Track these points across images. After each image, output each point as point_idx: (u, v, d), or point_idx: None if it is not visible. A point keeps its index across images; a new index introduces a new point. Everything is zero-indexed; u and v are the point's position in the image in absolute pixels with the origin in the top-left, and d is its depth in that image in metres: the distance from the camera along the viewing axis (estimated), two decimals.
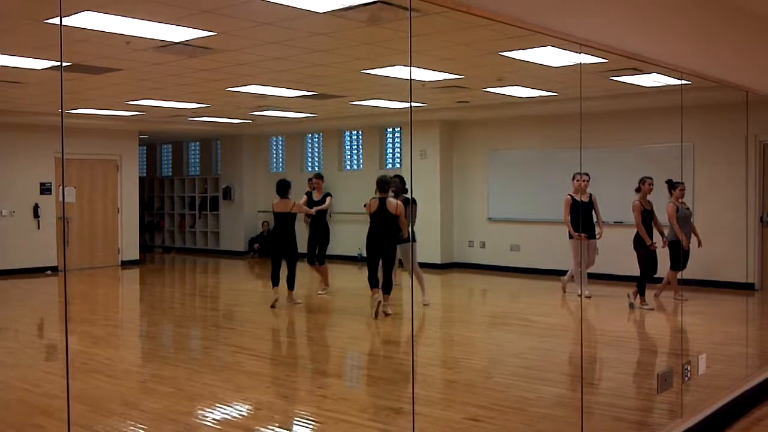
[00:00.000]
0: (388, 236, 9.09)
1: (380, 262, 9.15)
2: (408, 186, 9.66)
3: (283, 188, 10.01)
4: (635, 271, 9.37)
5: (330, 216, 11.20)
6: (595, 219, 9.75)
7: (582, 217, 9.61)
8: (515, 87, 10.30)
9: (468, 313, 10.27)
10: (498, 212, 13.46)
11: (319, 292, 10.76)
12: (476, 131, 14.05)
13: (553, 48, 7.03)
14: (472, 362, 7.37)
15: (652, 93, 10.17)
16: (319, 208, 10.60)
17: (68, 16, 5.86)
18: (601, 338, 8.54)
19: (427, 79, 9.42)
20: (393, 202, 9.07)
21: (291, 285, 9.92)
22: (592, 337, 8.41)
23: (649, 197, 9.13)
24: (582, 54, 4.86)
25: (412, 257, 9.30)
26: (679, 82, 6.45)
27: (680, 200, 9.27)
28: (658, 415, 5.47)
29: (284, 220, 9.89)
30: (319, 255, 10.62)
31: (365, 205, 9.44)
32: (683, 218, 9.22)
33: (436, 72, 8.95)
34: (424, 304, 9.72)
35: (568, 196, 9.79)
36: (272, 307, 9.62)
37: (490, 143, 13.75)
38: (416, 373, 6.50)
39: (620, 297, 9.43)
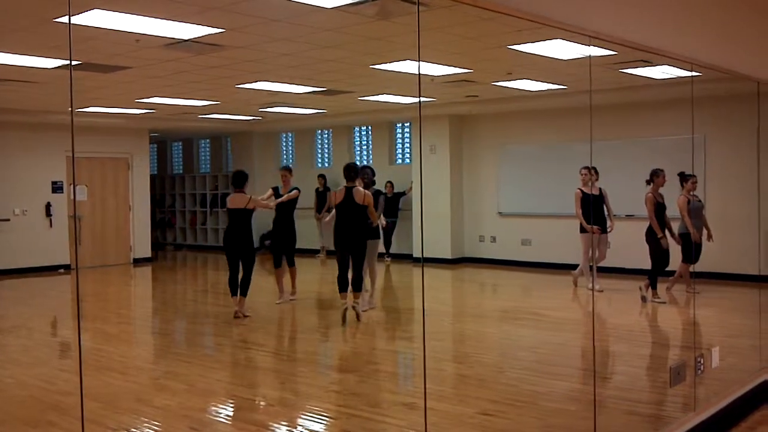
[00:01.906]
0: (356, 229, 8.43)
1: (349, 258, 8.43)
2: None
3: (239, 180, 9.19)
4: (647, 264, 9.35)
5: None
6: (606, 213, 9.72)
7: (593, 211, 9.59)
8: (524, 80, 10.26)
9: (479, 307, 10.25)
10: (509, 206, 13.43)
11: (291, 298, 9.89)
12: (486, 125, 14.02)
13: (562, 41, 6.99)
14: (484, 357, 7.37)
15: (662, 85, 10.12)
16: (279, 200, 9.69)
17: (77, 14, 5.88)
18: (613, 332, 8.51)
19: (436, 74, 9.40)
20: (360, 192, 8.44)
21: (244, 291, 8.87)
22: (604, 330, 8.39)
23: (661, 190, 9.10)
24: (591, 46, 4.84)
25: (372, 253, 8.93)
26: (689, 73, 6.42)
27: (692, 193, 9.22)
28: (671, 409, 5.46)
29: (239, 217, 8.98)
30: (287, 256, 9.79)
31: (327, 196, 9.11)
32: (695, 211, 9.18)
33: (445, 66, 8.93)
34: (370, 307, 9.19)
35: (578, 190, 9.76)
36: (235, 317, 8.73)
37: (500, 137, 13.72)
38: (428, 367, 6.50)
39: (632, 290, 9.40)
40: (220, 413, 5.68)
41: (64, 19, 6.05)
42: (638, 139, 11.67)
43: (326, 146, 17.17)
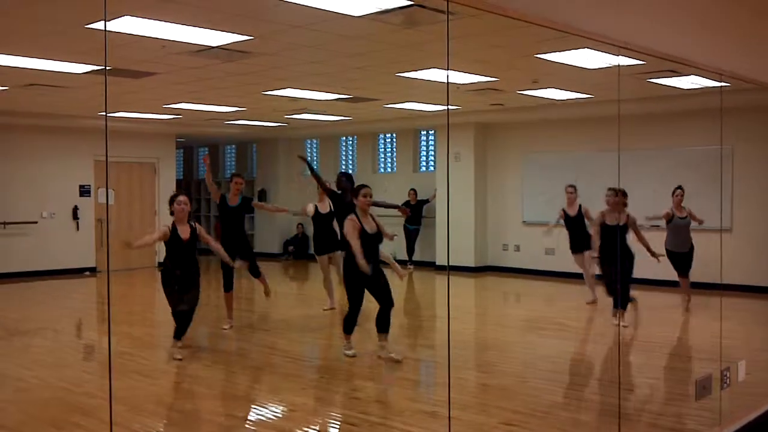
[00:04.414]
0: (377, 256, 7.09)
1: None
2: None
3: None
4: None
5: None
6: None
7: (575, 230, 9.66)
8: (551, 89, 10.23)
9: (503, 316, 10.21)
10: (533, 215, 13.36)
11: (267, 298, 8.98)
12: (511, 134, 13.98)
13: (589, 50, 6.97)
14: (507, 366, 7.34)
15: (690, 95, 10.04)
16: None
17: (109, 20, 5.95)
18: (637, 343, 8.45)
19: (462, 82, 9.40)
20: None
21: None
22: (629, 341, 8.32)
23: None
24: (620, 56, 4.82)
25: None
26: (718, 84, 6.36)
27: (681, 207, 9.22)
28: (695, 422, 5.39)
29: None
30: (251, 267, 8.73)
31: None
32: (676, 228, 9.24)
33: (471, 74, 8.93)
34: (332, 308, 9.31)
35: (561, 210, 9.83)
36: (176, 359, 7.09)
37: (525, 146, 13.67)
38: (451, 376, 6.48)
39: (657, 302, 9.32)
40: (243, 418, 5.69)
41: (95, 26, 6.13)
42: (665, 149, 11.58)
43: (351, 153, 17.21)
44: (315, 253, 9.41)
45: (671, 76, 8.72)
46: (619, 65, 5.70)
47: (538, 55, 7.57)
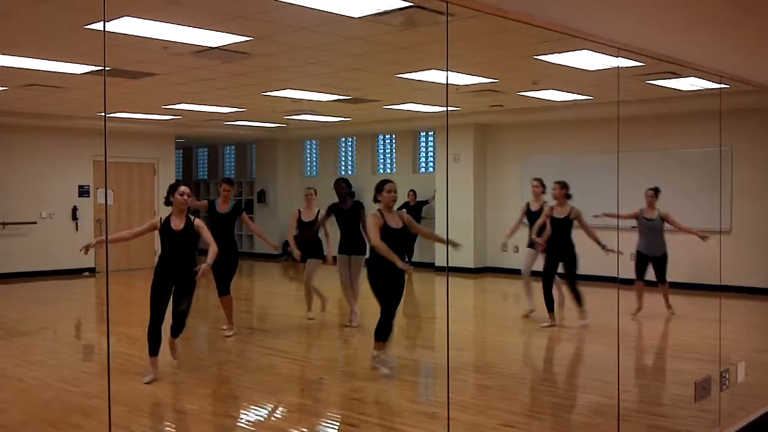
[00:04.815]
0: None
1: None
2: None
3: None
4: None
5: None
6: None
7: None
8: (550, 91, 10.24)
9: (502, 317, 10.20)
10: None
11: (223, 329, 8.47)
12: (510, 135, 13.99)
13: (589, 51, 6.98)
14: (506, 368, 7.34)
15: (689, 97, 10.06)
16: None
17: (108, 21, 5.96)
18: (637, 344, 8.45)
19: (461, 83, 9.40)
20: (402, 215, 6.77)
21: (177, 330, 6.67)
22: (628, 343, 8.32)
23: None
24: (620, 58, 4.83)
25: (356, 272, 8.61)
26: (717, 85, 6.38)
27: (653, 208, 9.15)
28: (694, 424, 5.40)
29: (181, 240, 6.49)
30: (222, 282, 8.26)
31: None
32: (646, 228, 9.14)
33: (471, 76, 8.94)
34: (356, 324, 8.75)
35: (525, 204, 9.63)
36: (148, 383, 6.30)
37: (525, 147, 13.68)
38: (450, 378, 6.48)
39: (657, 303, 9.33)
40: (242, 419, 5.70)
41: (95, 26, 6.13)
42: (664, 151, 11.59)
43: (350, 154, 17.22)
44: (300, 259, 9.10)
45: (671, 78, 8.73)
46: (618, 67, 5.71)
47: (538, 57, 7.58)
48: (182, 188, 6.51)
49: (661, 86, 9.29)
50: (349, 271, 8.65)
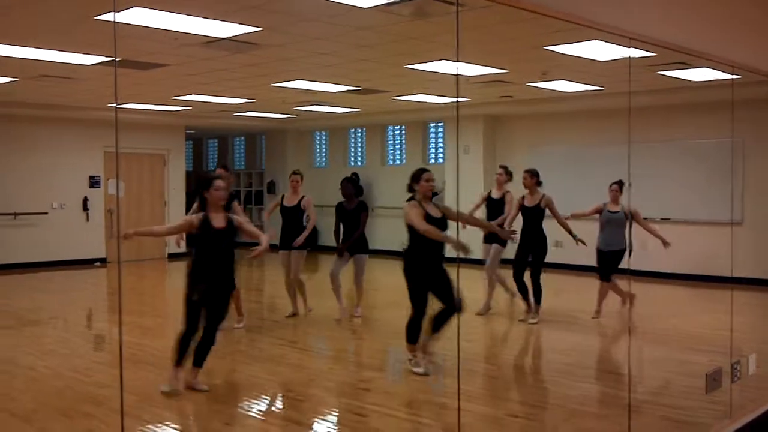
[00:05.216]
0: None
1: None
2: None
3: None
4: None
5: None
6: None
7: (493, 217, 8.93)
8: (560, 81, 10.20)
9: (510, 309, 10.18)
10: None
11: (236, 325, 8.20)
12: (520, 126, 13.95)
13: (600, 42, 6.94)
14: (516, 359, 7.33)
15: (700, 87, 10.00)
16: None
17: (119, 11, 5.97)
18: (647, 336, 8.42)
19: (471, 74, 9.37)
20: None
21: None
22: (638, 334, 8.30)
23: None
24: (631, 48, 4.80)
25: (360, 270, 8.69)
26: (729, 76, 6.34)
27: (617, 202, 8.65)
28: (705, 415, 5.38)
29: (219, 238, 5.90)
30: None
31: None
32: (609, 221, 8.63)
33: (481, 66, 8.91)
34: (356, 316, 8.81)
35: (485, 194, 9.26)
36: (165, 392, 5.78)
37: (534, 138, 13.63)
38: (460, 369, 6.48)
39: (668, 294, 9.30)
40: (253, 408, 5.72)
41: (105, 17, 6.14)
42: (675, 142, 11.53)
43: (360, 145, 17.21)
44: (278, 247, 8.76)
45: (682, 68, 8.68)
46: (630, 57, 5.68)
47: (548, 47, 7.54)
48: (217, 183, 5.78)
49: (672, 77, 9.24)
50: (354, 270, 8.74)
